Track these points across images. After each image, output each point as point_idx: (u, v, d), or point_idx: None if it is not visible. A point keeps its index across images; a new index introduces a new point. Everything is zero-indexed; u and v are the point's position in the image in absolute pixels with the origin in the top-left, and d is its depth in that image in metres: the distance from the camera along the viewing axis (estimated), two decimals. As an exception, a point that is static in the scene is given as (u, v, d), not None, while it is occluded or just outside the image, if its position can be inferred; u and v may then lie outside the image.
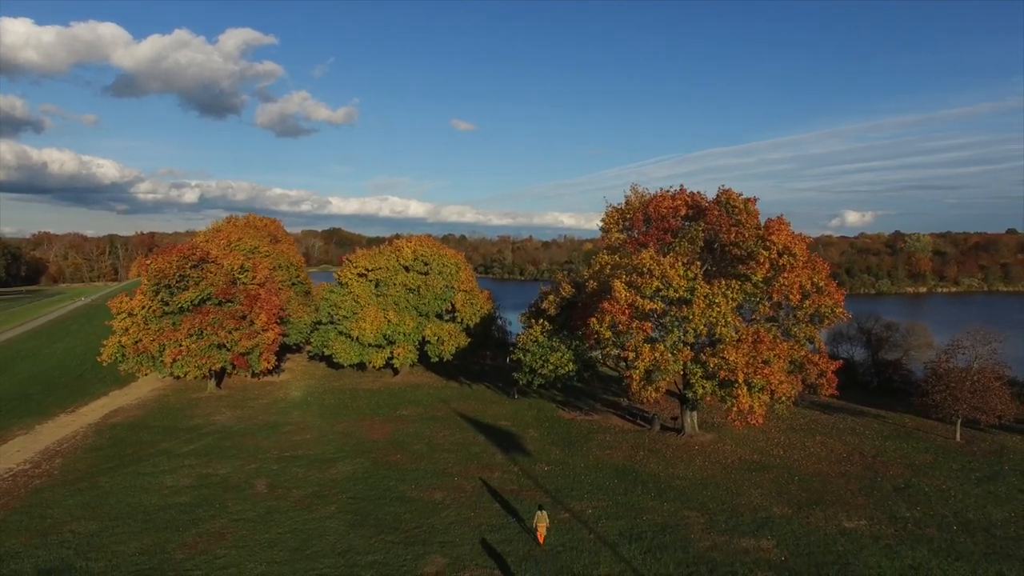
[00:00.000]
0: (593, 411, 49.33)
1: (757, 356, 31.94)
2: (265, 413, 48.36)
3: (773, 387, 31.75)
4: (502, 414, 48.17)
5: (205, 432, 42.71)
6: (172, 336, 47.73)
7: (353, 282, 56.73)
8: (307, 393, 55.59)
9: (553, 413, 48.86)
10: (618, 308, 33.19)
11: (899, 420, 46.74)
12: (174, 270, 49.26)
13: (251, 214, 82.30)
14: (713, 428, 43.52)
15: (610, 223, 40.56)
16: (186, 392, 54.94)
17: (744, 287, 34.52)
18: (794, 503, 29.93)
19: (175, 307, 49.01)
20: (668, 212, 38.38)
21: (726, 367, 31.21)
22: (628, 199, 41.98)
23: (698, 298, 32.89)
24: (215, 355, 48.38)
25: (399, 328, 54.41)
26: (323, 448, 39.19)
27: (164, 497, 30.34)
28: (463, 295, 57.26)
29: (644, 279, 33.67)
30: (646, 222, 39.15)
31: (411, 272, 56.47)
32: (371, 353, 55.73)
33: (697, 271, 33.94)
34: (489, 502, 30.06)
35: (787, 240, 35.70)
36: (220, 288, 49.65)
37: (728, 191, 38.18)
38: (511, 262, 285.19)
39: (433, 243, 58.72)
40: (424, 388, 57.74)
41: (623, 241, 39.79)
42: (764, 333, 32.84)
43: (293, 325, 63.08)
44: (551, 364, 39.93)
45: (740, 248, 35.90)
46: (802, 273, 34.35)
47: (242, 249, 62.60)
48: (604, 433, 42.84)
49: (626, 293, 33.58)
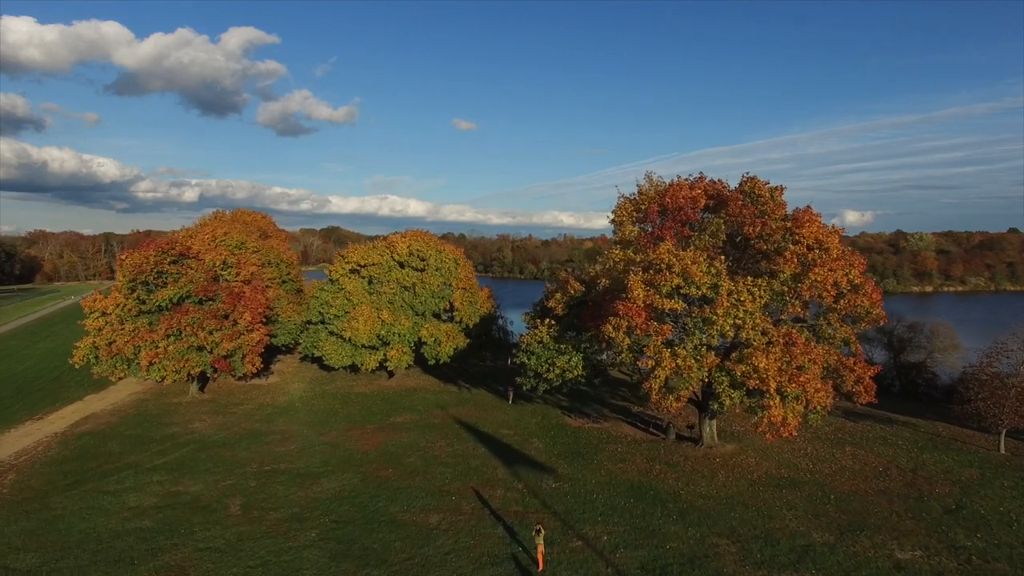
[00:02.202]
0: (601, 418, 45.94)
1: (790, 362, 28.52)
2: (248, 420, 44.92)
3: (808, 396, 28.33)
4: (503, 421, 44.76)
5: (181, 442, 39.26)
6: (148, 337, 44.27)
7: (345, 279, 53.28)
8: (295, 398, 52.14)
9: (558, 420, 45.46)
10: (634, 309, 29.76)
11: (931, 428, 43.35)
12: (151, 266, 45.84)
13: (240, 209, 78.78)
14: (733, 438, 40.15)
15: (623, 216, 37.09)
16: (166, 396, 51.49)
17: (771, 285, 31.11)
18: (835, 528, 26.54)
19: (152, 306, 45.56)
20: (686, 203, 34.95)
21: (756, 375, 27.79)
22: (642, 189, 38.54)
23: (722, 296, 29.47)
24: (194, 358, 44.91)
25: (393, 328, 50.98)
26: (308, 461, 35.76)
27: (123, 521, 26.90)
28: (462, 293, 53.81)
29: (662, 276, 30.24)
30: (662, 214, 35.71)
31: (406, 268, 53.00)
32: (364, 355, 52.31)
33: (721, 266, 30.54)
34: (490, 527, 26.65)
35: (818, 233, 32.31)
36: (200, 285, 46.20)
37: (752, 179, 34.79)
38: (511, 260, 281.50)
39: (430, 238, 55.17)
40: (420, 392, 54.31)
41: (637, 235, 36.33)
42: (796, 335, 29.43)
43: (282, 325, 59.60)
44: (558, 368, 36.51)
45: (767, 242, 32.49)
46: (836, 269, 30.93)
47: (228, 245, 59.02)
48: (615, 443, 39.46)
49: (643, 291, 30.16)
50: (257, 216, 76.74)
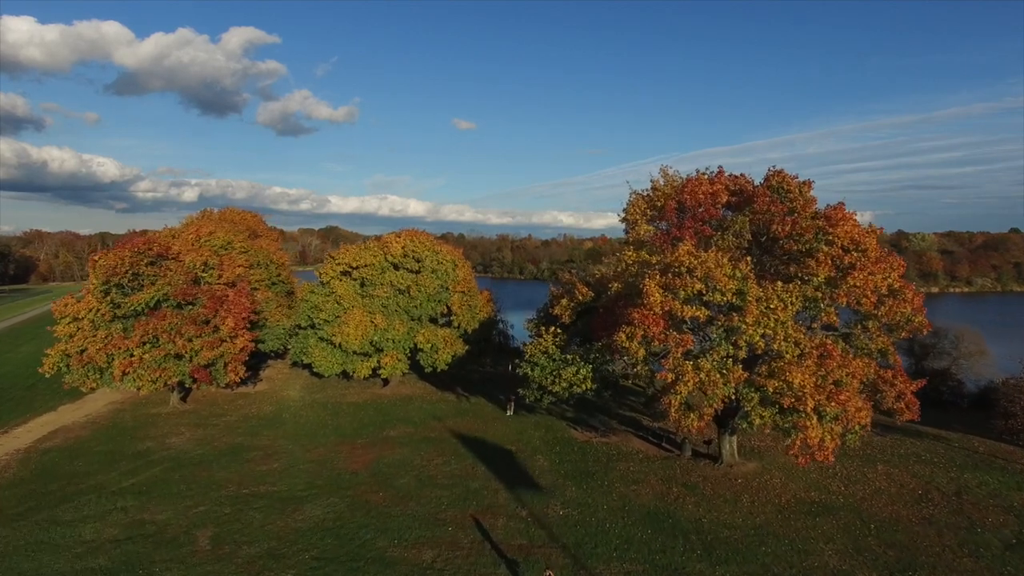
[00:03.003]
0: (610, 430, 42.83)
1: (827, 377, 25.40)
2: (230, 434, 41.76)
3: (848, 416, 25.21)
4: (505, 435, 41.64)
5: (154, 460, 36.11)
6: (122, 344, 41.05)
7: (335, 281, 50.12)
8: (283, 408, 48.99)
9: (563, 433, 42.35)
10: (651, 317, 26.63)
11: (966, 443, 40.28)
12: (126, 267, 42.60)
13: (229, 208, 75.62)
14: (754, 454, 37.05)
15: (636, 214, 33.95)
16: (145, 407, 48.34)
17: (804, 290, 27.98)
18: (882, 566, 23.45)
19: (127, 310, 42.35)
20: (706, 199, 31.82)
21: (791, 392, 24.67)
22: (656, 185, 35.43)
23: (751, 303, 26.33)
24: (171, 367, 41.71)
25: (387, 334, 47.82)
26: (291, 482, 32.61)
27: (75, 559, 23.74)
28: (460, 296, 50.66)
29: (682, 280, 27.11)
30: (679, 212, 32.58)
31: (401, 270, 49.83)
32: (355, 362, 49.16)
33: (747, 269, 27.42)
34: (491, 565, 23.52)
35: (853, 232, 29.20)
36: (179, 288, 42.99)
37: (780, 172, 31.66)
38: (510, 261, 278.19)
39: (426, 238, 51.97)
40: (416, 402, 51.17)
41: (652, 235, 33.20)
42: (832, 347, 26.31)
43: (270, 330, 56.41)
44: (564, 381, 33.36)
45: (797, 242, 29.38)
46: (876, 272, 27.83)
47: (213, 245, 55.88)
48: (626, 460, 36.35)
49: (660, 297, 27.04)
50: (247, 215, 73.54)
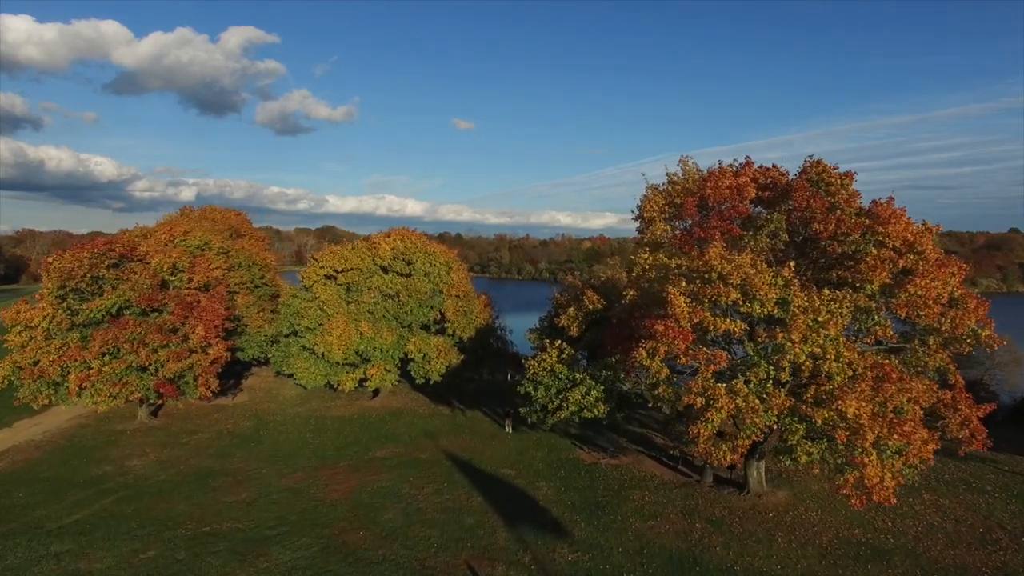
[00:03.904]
0: (619, 450, 38.84)
1: (885, 403, 21.42)
2: (199, 455, 37.64)
3: (913, 451, 21.24)
4: (504, 457, 37.62)
5: (108, 488, 32.00)
6: (78, 356, 36.91)
7: (319, 286, 46.01)
8: (261, 423, 44.87)
9: (568, 454, 38.36)
10: (678, 331, 22.61)
11: (1015, 465, 36.51)
12: (85, 270, 38.51)
13: (210, 205, 71.40)
14: (783, 481, 33.09)
15: (652, 211, 29.89)
16: (110, 422, 44.12)
17: (856, 299, 24.00)
18: (959, 635, 19.53)
19: (85, 318, 38.23)
20: (731, 194, 27.82)
21: (844, 424, 20.67)
22: (672, 178, 31.42)
23: (796, 315, 22.34)
24: (133, 381, 37.60)
25: (374, 343, 43.75)
26: (259, 517, 28.53)
27: (-16, 627, 19.72)
28: (454, 301, 46.59)
29: (714, 288, 23.10)
30: (702, 208, 28.56)
31: (390, 273, 45.74)
32: (340, 373, 45.09)
33: (790, 275, 23.43)
34: (489, 634, 19.53)
35: (906, 231, 25.27)
36: (144, 294, 38.86)
37: (819, 162, 27.70)
38: (508, 261, 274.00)
39: (418, 238, 47.85)
40: (407, 415, 47.10)
41: (671, 235, 29.16)
42: (890, 367, 22.33)
43: (250, 337, 52.30)
44: (572, 404, 29.31)
45: (842, 244, 25.41)
46: (939, 278, 23.87)
47: (188, 245, 51.71)
48: (641, 488, 32.37)
49: (687, 307, 23.03)
50: (229, 213, 69.41)
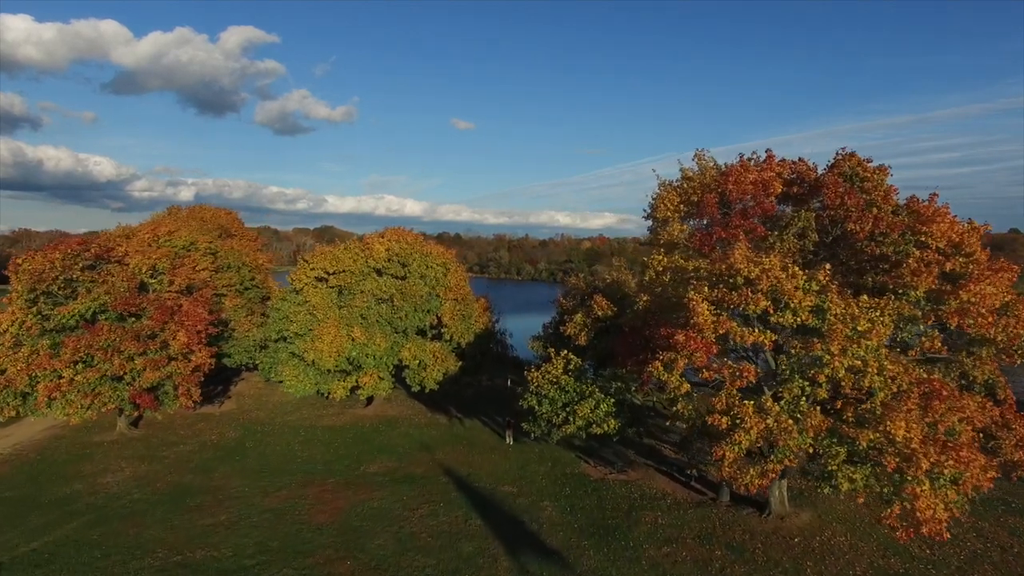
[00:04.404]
0: (627, 464, 36.34)
1: (938, 425, 18.99)
2: (179, 470, 35.17)
3: (970, 477, 18.79)
4: (504, 472, 35.16)
5: (75, 509, 29.51)
6: (48, 364, 34.39)
7: (309, 289, 43.52)
8: (248, 433, 42.40)
9: (573, 468, 35.89)
10: (700, 342, 20.16)
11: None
12: (57, 272, 36.04)
13: (200, 204, 68.90)
14: (804, 499, 30.62)
15: (666, 210, 27.40)
16: (88, 433, 41.62)
17: (899, 307, 21.56)
18: None
19: (57, 323, 35.76)
20: (756, 190, 25.36)
21: (893, 448, 18.23)
22: (687, 174, 28.97)
23: (835, 324, 19.88)
24: (107, 391, 35.11)
25: (367, 349, 41.26)
26: (237, 543, 26.04)
27: None
28: (452, 305, 44.10)
29: (740, 295, 20.65)
30: (722, 206, 26.10)
31: (384, 276, 43.24)
32: (331, 381, 42.60)
33: (826, 279, 20.98)
34: None
35: (952, 232, 22.85)
36: (120, 297, 36.36)
37: (852, 155, 25.25)
38: (508, 261, 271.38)
39: (413, 238, 45.35)
40: (402, 425, 44.65)
41: (688, 235, 26.68)
42: (938, 383, 19.88)
43: (237, 342, 49.87)
44: (580, 418, 26.85)
45: (880, 244, 22.98)
46: (993, 283, 21.44)
47: (173, 245, 49.29)
48: (652, 508, 29.90)
49: (711, 316, 20.58)
50: (220, 212, 66.87)
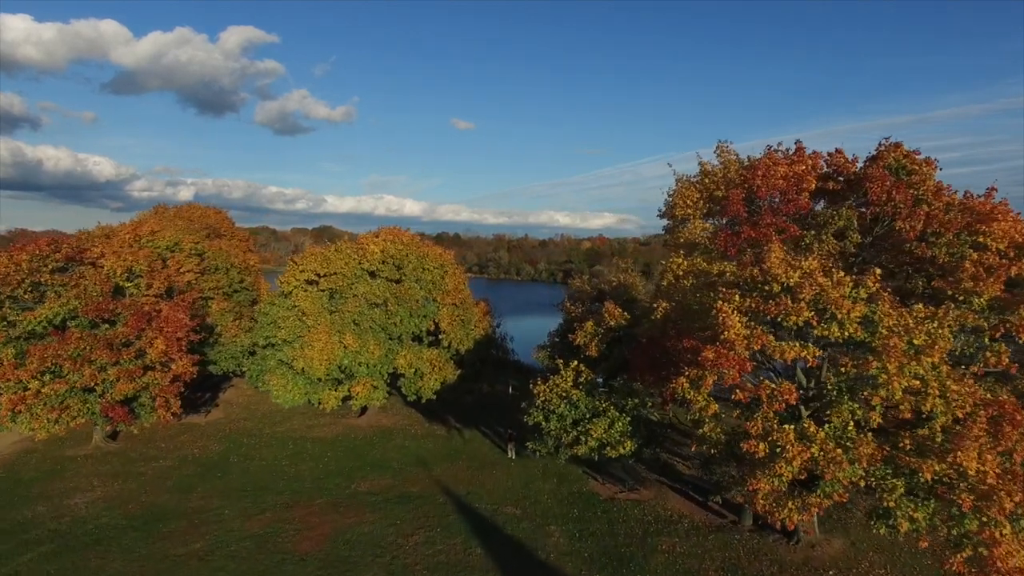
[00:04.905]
0: (638, 481, 33.69)
1: (1011, 454, 16.37)
2: (155, 489, 32.51)
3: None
4: (506, 491, 32.54)
5: (34, 537, 26.85)
6: (12, 375, 31.74)
7: (299, 292, 40.86)
8: (233, 446, 39.76)
9: (580, 486, 33.25)
10: (732, 358, 17.53)
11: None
12: (23, 275, 33.42)
13: (190, 203, 66.27)
14: (836, 525, 28.00)
15: (686, 207, 24.75)
16: (62, 446, 38.90)
17: (961, 317, 18.92)
18: None
19: (23, 330, 33.10)
20: (788, 186, 22.72)
21: (966, 483, 15.60)
22: (706, 169, 26.33)
23: (888, 339, 17.24)
24: (76, 404, 32.47)
25: (359, 357, 38.63)
26: (210, 579, 23.44)
27: None
28: (450, 310, 41.44)
29: (778, 304, 18.01)
30: (749, 203, 23.46)
31: (378, 279, 40.58)
32: (322, 391, 39.97)
33: (875, 286, 18.35)
34: None
35: (1014, 231, 20.23)
36: (92, 302, 33.72)
37: (897, 146, 22.63)
38: (507, 262, 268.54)
39: (410, 239, 42.65)
40: (397, 436, 42.01)
41: (711, 235, 24.02)
42: (1010, 406, 17.25)
43: (223, 349, 47.17)
44: (593, 439, 24.19)
45: (934, 245, 20.35)
46: (1064, 291, 18.82)
47: (155, 246, 46.64)
48: (669, 533, 27.28)
49: (744, 329, 17.94)
50: (209, 211, 64.23)
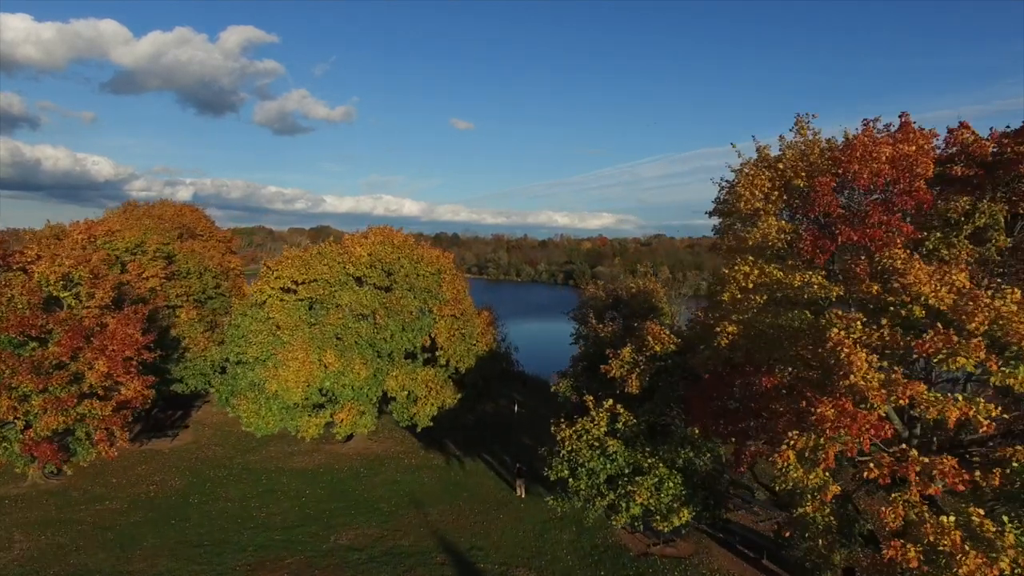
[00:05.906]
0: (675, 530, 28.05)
1: None
2: (90, 543, 26.79)
3: None
4: (516, 542, 26.93)
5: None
6: (-84, 407, 26.10)
7: (274, 302, 35.13)
8: (196, 481, 34.12)
9: (606, 537, 27.65)
10: (863, 417, 11.88)
11: None
12: (-65, 285, 27.74)
13: (162, 201, 60.42)
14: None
15: (754, 198, 18.91)
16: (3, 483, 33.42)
17: None
18: None
19: (-65, 351, 27.40)
20: (897, 173, 16.97)
21: None
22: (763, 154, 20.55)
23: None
24: (-9, 443, 26.79)
25: (343, 379, 32.94)
26: None
27: None
28: (449, 322, 35.68)
29: (937, 337, 12.33)
30: (842, 192, 17.76)
31: (365, 287, 34.85)
32: (299, 417, 34.28)
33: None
34: None
35: None
36: (16, 317, 27.98)
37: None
38: (507, 262, 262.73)
39: (402, 239, 36.76)
40: (387, 468, 36.37)
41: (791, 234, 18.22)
42: None
43: (191, 364, 41.46)
44: (636, 504, 18.51)
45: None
46: None
47: (113, 248, 40.96)
48: (723, 613, 21.67)
49: (877, 376, 12.27)
50: (184, 210, 58.29)
